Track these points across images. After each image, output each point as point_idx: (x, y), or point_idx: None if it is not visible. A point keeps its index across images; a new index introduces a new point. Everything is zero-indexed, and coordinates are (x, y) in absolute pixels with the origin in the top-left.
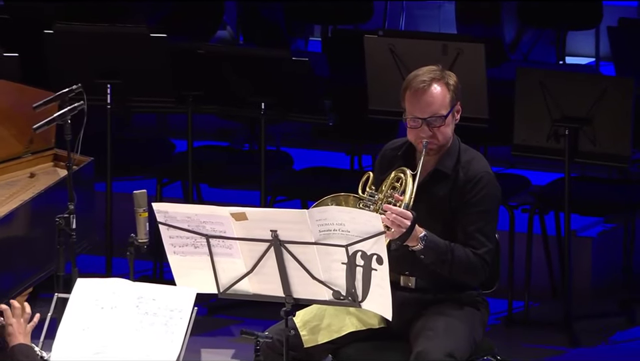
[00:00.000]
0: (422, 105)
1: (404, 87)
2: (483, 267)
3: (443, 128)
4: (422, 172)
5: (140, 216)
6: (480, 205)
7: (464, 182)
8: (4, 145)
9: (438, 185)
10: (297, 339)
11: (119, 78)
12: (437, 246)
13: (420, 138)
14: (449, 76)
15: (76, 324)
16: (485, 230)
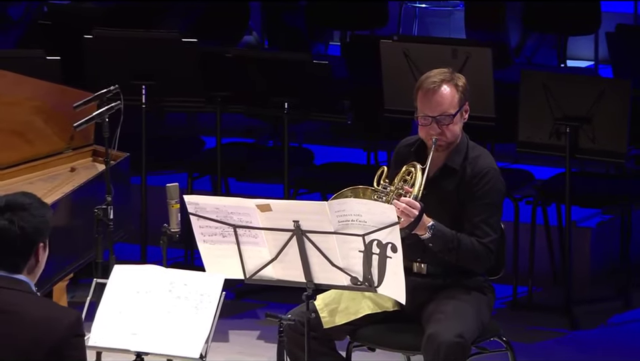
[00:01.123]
0: (432, 104)
1: (416, 87)
2: (487, 255)
3: (451, 126)
4: (432, 167)
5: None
6: (485, 198)
7: (471, 176)
8: (47, 142)
9: (447, 179)
10: (317, 321)
11: (153, 80)
12: (444, 235)
13: (430, 135)
14: (458, 78)
15: (113, 307)
16: (490, 221)
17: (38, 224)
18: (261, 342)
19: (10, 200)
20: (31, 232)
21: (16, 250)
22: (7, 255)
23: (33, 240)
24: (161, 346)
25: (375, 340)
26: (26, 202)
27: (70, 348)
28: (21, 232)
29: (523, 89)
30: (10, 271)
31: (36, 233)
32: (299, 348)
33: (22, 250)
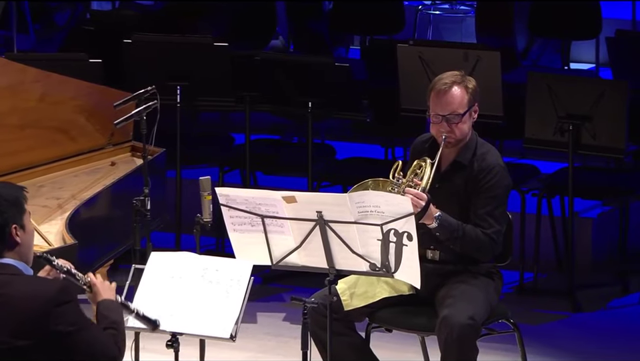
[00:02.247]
0: (443, 104)
1: (430, 88)
2: (490, 245)
3: (460, 124)
4: (444, 163)
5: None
6: (490, 191)
7: (478, 171)
8: (89, 138)
9: (457, 174)
10: (338, 304)
11: (187, 81)
12: (449, 225)
13: (440, 132)
14: (469, 81)
15: (150, 291)
16: (494, 213)
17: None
18: (286, 323)
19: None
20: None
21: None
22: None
23: (6, 224)
24: (194, 327)
25: (391, 321)
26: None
27: (54, 316)
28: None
29: (529, 90)
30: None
31: (7, 216)
32: (322, 329)
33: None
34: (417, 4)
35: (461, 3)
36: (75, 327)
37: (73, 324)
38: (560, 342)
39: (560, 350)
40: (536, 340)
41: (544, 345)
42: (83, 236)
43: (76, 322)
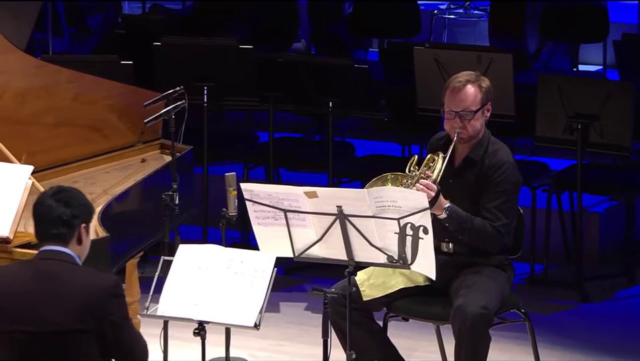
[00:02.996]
0: (456, 101)
1: (445, 86)
2: (497, 237)
3: (472, 121)
4: (457, 159)
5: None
6: (499, 186)
7: (488, 167)
8: (121, 136)
9: (469, 170)
10: (357, 294)
11: (213, 82)
12: (458, 216)
13: (453, 128)
14: (483, 81)
15: (178, 281)
16: (502, 207)
17: (80, 207)
18: (308, 313)
19: (60, 187)
20: (74, 212)
21: (61, 224)
22: (54, 228)
23: (76, 217)
24: (220, 316)
25: (408, 311)
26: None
27: (111, 306)
28: (66, 211)
29: (539, 90)
30: (57, 244)
31: (80, 213)
32: (342, 318)
33: (66, 225)
34: (433, 9)
35: (475, 8)
36: (124, 320)
37: (122, 317)
38: (568, 331)
39: (568, 338)
40: (546, 328)
41: (553, 333)
42: (115, 229)
43: (125, 316)
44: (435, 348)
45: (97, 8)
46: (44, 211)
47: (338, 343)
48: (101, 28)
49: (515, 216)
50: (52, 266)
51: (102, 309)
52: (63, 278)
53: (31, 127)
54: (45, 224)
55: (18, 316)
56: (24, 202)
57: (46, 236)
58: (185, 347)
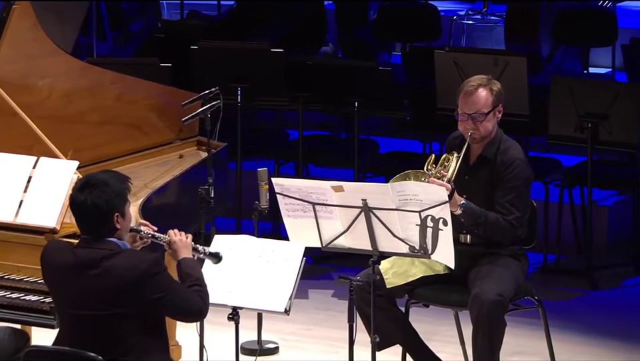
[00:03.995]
0: (469, 104)
1: (459, 90)
2: (510, 229)
3: (484, 122)
4: (472, 157)
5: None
6: (511, 182)
7: (500, 164)
8: (160, 133)
9: (482, 167)
10: (381, 282)
11: (246, 83)
12: (473, 212)
13: (466, 129)
14: (494, 84)
15: (214, 269)
16: (514, 202)
17: (109, 198)
18: (334, 299)
19: (87, 179)
20: (103, 205)
21: (95, 219)
22: (89, 224)
23: (107, 211)
24: (252, 302)
25: (428, 298)
26: (99, 179)
27: (149, 286)
28: (95, 206)
29: (552, 91)
30: (95, 236)
31: (109, 206)
32: (366, 304)
33: (100, 220)
34: (453, 15)
35: (492, 14)
36: (166, 292)
37: (163, 290)
38: (579, 317)
39: (579, 324)
40: (557, 314)
41: (564, 319)
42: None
43: (166, 288)
44: (453, 332)
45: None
46: (78, 209)
47: (363, 327)
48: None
49: (526, 209)
50: (92, 254)
51: (140, 291)
52: (103, 266)
53: (76, 125)
54: (81, 220)
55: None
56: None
57: (84, 229)
58: (220, 331)
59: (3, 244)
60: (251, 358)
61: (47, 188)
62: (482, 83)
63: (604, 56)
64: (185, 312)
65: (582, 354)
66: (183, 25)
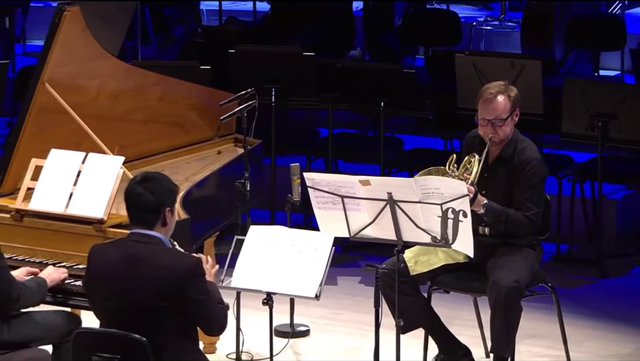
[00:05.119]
0: (489, 110)
1: (478, 96)
2: (529, 225)
3: (503, 127)
4: (491, 157)
5: (294, 182)
6: (529, 181)
7: (518, 164)
8: (200, 131)
9: (501, 167)
10: (405, 269)
11: (280, 84)
12: (494, 211)
13: (486, 133)
14: (511, 90)
15: (249, 257)
16: (532, 199)
17: (165, 193)
18: (361, 285)
19: (146, 174)
20: (159, 198)
21: (148, 210)
22: (142, 214)
23: (161, 204)
24: (285, 288)
25: (449, 284)
26: (156, 176)
27: (191, 285)
28: (152, 197)
29: (565, 92)
30: (145, 228)
31: (163, 199)
32: (391, 290)
33: (153, 211)
34: (472, 21)
35: (509, 20)
36: (203, 296)
37: (202, 293)
38: (589, 303)
39: (589, 309)
40: (569, 300)
41: (576, 305)
42: (194, 212)
43: (204, 292)
44: (472, 316)
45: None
46: (133, 199)
47: (388, 312)
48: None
49: (542, 204)
50: (140, 248)
51: (182, 288)
52: (149, 260)
53: (122, 123)
54: (135, 210)
55: (110, 293)
56: (116, 188)
57: (136, 220)
58: (255, 315)
59: (54, 233)
60: (284, 340)
61: (95, 181)
62: (500, 90)
63: (613, 60)
64: (211, 322)
65: (592, 338)
66: (222, 30)
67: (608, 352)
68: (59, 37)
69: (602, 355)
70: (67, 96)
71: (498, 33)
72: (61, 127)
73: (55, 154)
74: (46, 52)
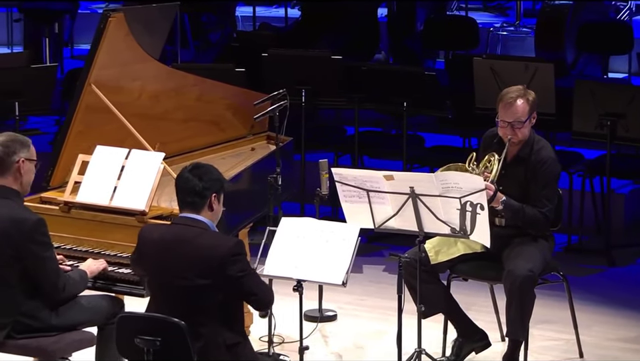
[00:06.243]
0: (509, 113)
1: (499, 99)
2: (545, 220)
3: (522, 129)
4: (509, 156)
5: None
6: (545, 179)
7: (534, 163)
8: (235, 129)
9: (519, 165)
10: (426, 258)
11: (309, 85)
12: (512, 207)
13: (506, 135)
14: (530, 94)
15: (281, 247)
16: (548, 195)
17: (213, 180)
18: (385, 273)
19: (196, 163)
20: (205, 183)
21: (195, 194)
22: (188, 197)
23: (207, 189)
24: (314, 275)
25: (467, 273)
26: (207, 165)
27: (232, 263)
28: (199, 182)
29: (576, 93)
30: (192, 211)
31: (210, 185)
32: (413, 278)
33: (199, 195)
34: (489, 27)
35: (524, 26)
36: (244, 273)
37: (242, 271)
38: (598, 290)
39: (598, 296)
40: (580, 288)
41: (586, 292)
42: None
43: (244, 270)
44: (489, 303)
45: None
46: (182, 183)
47: (410, 298)
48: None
49: (556, 200)
50: (185, 231)
51: (223, 267)
52: (192, 242)
53: (163, 122)
54: (183, 194)
55: (155, 271)
56: (157, 182)
57: (183, 204)
58: (286, 301)
59: (99, 224)
60: (313, 324)
61: (137, 176)
62: (520, 95)
63: (621, 63)
64: (259, 296)
65: (600, 322)
66: (255, 35)
67: (615, 335)
68: (104, 41)
69: (609, 338)
70: (111, 97)
71: (513, 38)
72: (106, 125)
73: (100, 150)
74: (92, 55)
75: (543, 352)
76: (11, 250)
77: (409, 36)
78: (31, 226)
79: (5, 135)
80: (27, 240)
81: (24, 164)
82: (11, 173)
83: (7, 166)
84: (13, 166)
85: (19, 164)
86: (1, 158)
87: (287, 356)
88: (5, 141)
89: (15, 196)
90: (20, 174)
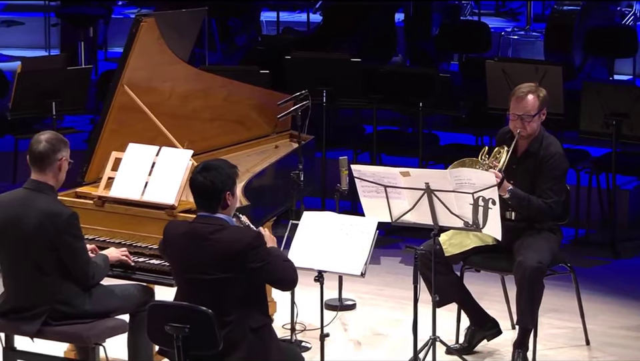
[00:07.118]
0: (519, 106)
1: (511, 94)
2: (549, 211)
3: (531, 123)
4: (520, 151)
5: (343, 173)
6: (552, 172)
7: (543, 157)
8: (259, 128)
9: (528, 159)
10: (440, 251)
11: (330, 86)
12: (518, 196)
13: (515, 127)
14: (541, 91)
15: (303, 240)
16: (554, 188)
17: (223, 179)
18: (402, 265)
19: (205, 163)
20: (218, 185)
21: (210, 197)
22: (205, 200)
23: (221, 190)
24: (335, 266)
25: (480, 264)
26: (215, 165)
27: (252, 255)
28: (211, 185)
29: (583, 94)
30: (209, 212)
31: (222, 186)
32: (428, 269)
33: (214, 197)
34: (501, 31)
35: (534, 30)
36: (264, 262)
37: (262, 260)
38: (604, 281)
39: (604, 287)
40: (586, 279)
41: (592, 283)
42: (254, 199)
43: (264, 259)
44: (500, 293)
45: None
46: (196, 188)
47: (425, 288)
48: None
49: (563, 194)
50: (204, 228)
51: (244, 259)
52: (213, 237)
53: (191, 121)
54: (199, 198)
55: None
56: (186, 178)
57: (200, 205)
58: (308, 290)
59: (131, 217)
60: (333, 313)
61: (167, 172)
62: (531, 90)
63: (626, 66)
64: (282, 280)
65: (605, 312)
66: (279, 39)
67: (620, 324)
68: (137, 45)
69: (614, 326)
70: (143, 97)
71: (524, 42)
72: (138, 124)
73: (133, 148)
74: (125, 57)
75: (552, 339)
76: (46, 241)
77: (424, 40)
78: (66, 219)
79: (50, 133)
80: (61, 232)
81: (64, 163)
82: (52, 170)
83: (49, 163)
84: (55, 163)
85: (60, 162)
86: (47, 154)
87: (309, 343)
88: (51, 139)
89: (50, 191)
90: (59, 171)
